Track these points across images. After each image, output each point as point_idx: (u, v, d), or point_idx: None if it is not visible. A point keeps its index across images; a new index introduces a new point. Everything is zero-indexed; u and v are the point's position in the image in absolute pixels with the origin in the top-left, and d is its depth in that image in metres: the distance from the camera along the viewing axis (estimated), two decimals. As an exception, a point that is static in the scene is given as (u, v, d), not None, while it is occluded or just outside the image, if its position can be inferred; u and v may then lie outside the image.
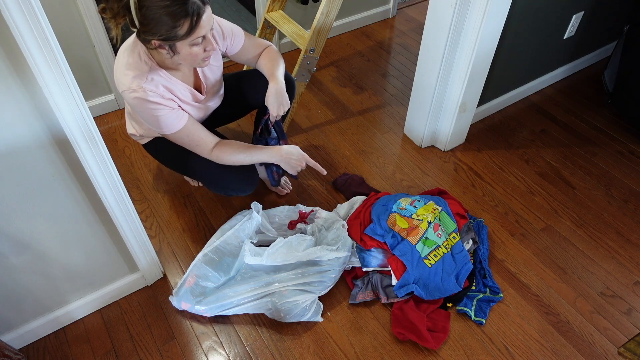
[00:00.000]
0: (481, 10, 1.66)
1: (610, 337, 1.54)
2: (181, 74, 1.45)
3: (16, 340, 1.45)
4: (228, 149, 1.51)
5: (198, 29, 1.24)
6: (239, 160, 1.52)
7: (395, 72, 2.59)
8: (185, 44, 1.26)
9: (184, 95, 1.45)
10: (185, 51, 1.28)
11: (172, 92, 1.41)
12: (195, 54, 1.30)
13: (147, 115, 1.39)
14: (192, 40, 1.26)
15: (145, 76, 1.34)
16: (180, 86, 1.43)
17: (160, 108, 1.37)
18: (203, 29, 1.25)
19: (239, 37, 1.56)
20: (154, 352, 1.49)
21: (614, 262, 1.74)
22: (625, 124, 2.29)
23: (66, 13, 1.91)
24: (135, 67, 1.33)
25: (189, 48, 1.28)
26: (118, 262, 1.52)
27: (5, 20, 0.92)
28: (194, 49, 1.28)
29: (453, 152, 2.15)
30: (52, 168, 1.19)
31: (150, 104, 1.35)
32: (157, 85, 1.36)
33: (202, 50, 1.31)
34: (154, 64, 1.36)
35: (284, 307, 1.48)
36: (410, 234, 1.60)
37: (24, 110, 1.07)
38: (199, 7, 1.21)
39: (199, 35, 1.25)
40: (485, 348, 1.50)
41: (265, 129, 1.66)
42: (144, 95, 1.33)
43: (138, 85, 1.32)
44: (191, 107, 1.50)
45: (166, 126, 1.41)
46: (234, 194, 1.64)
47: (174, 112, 1.40)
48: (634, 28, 2.09)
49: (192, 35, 1.24)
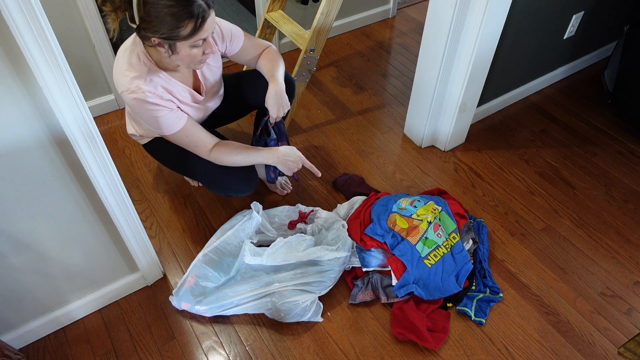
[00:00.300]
0: (481, 10, 1.66)
1: (610, 337, 1.54)
2: (180, 75, 1.45)
3: (16, 340, 1.45)
4: (226, 149, 1.51)
5: (201, 32, 1.24)
6: (236, 161, 1.52)
7: (395, 72, 2.59)
8: (185, 45, 1.26)
9: (182, 96, 1.45)
10: (184, 52, 1.28)
11: (171, 93, 1.41)
12: (194, 55, 1.30)
13: (146, 116, 1.39)
14: (193, 42, 1.26)
15: (144, 77, 1.34)
16: (179, 87, 1.43)
17: (159, 109, 1.37)
18: (205, 32, 1.25)
19: (239, 38, 1.56)
20: (154, 352, 1.49)
21: (614, 262, 1.74)
22: (625, 124, 2.29)
23: (66, 13, 1.91)
24: (134, 68, 1.33)
25: (188, 49, 1.28)
26: (118, 262, 1.52)
27: (5, 20, 0.92)
28: (193, 50, 1.28)
29: (453, 152, 2.15)
30: (52, 168, 1.19)
31: (149, 105, 1.35)
32: (155, 86, 1.36)
33: (201, 53, 1.31)
34: (152, 64, 1.36)
35: (284, 307, 1.48)
36: (410, 234, 1.60)
37: (24, 110, 1.07)
38: (204, 10, 1.21)
39: (200, 37, 1.25)
40: (485, 348, 1.50)
41: (265, 131, 1.66)
42: (142, 97, 1.33)
43: (137, 86, 1.32)
44: (190, 108, 1.50)
45: (165, 127, 1.41)
46: (234, 194, 1.64)
47: (172, 113, 1.40)
48: (634, 28, 2.09)
49: (194, 37, 1.24)
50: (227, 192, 1.62)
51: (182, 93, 1.45)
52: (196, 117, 1.55)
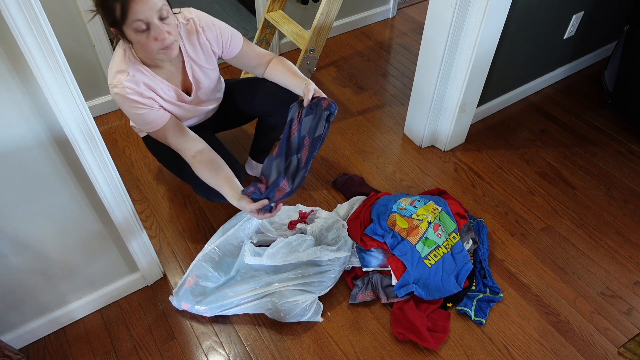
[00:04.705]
0: (481, 11, 1.66)
1: (610, 337, 1.54)
2: (166, 72, 1.44)
3: (16, 340, 1.45)
4: (206, 168, 1.44)
5: (131, 12, 1.19)
6: (211, 183, 1.45)
7: (395, 72, 2.59)
8: (129, 30, 1.23)
9: (166, 94, 1.44)
10: (133, 39, 1.26)
11: (153, 90, 1.40)
12: (144, 42, 1.25)
13: (128, 112, 1.40)
14: (133, 25, 1.21)
15: (127, 71, 1.34)
16: (163, 85, 1.43)
17: (139, 107, 1.37)
18: (138, 13, 1.19)
19: (236, 40, 1.53)
20: (154, 352, 1.49)
21: (614, 262, 1.74)
22: (625, 124, 2.29)
23: (66, 13, 1.91)
24: (119, 64, 1.35)
25: (135, 35, 1.24)
26: (118, 262, 1.52)
27: (5, 20, 0.92)
28: (139, 36, 1.24)
29: (453, 152, 2.15)
30: (52, 168, 1.19)
31: (129, 101, 1.36)
32: (137, 82, 1.36)
33: (153, 40, 1.25)
34: (136, 59, 1.36)
35: (284, 307, 1.48)
36: (410, 234, 1.60)
37: (24, 110, 1.07)
38: None
39: (134, 18, 1.20)
40: (485, 348, 1.50)
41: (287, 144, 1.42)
42: (122, 92, 1.34)
43: (118, 81, 1.33)
44: (175, 107, 1.49)
45: (145, 124, 1.41)
46: (217, 200, 1.57)
47: (153, 111, 1.40)
48: (634, 28, 2.09)
49: (127, 18, 1.20)
50: (210, 197, 1.58)
51: (166, 91, 1.44)
52: (185, 117, 1.54)
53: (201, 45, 1.46)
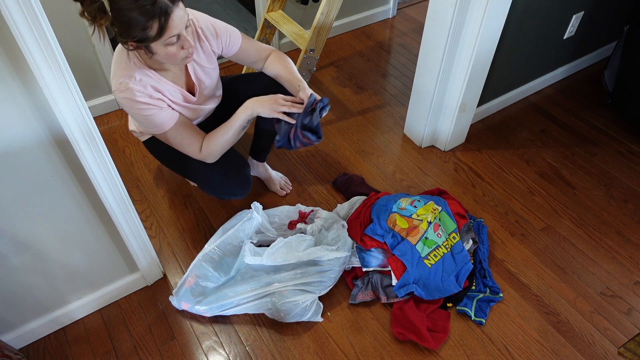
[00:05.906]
0: (481, 10, 1.66)
1: (610, 337, 1.54)
2: (171, 75, 1.44)
3: (16, 340, 1.45)
4: (211, 137, 1.49)
5: (168, 29, 1.20)
6: (224, 141, 1.49)
7: (395, 72, 2.59)
8: (159, 45, 1.24)
9: (173, 96, 1.45)
10: (161, 51, 1.26)
11: (161, 92, 1.40)
12: (173, 53, 1.27)
13: (137, 115, 1.39)
14: (166, 41, 1.23)
15: (134, 76, 1.34)
16: (170, 87, 1.43)
17: (148, 108, 1.36)
18: (175, 29, 1.22)
19: (235, 37, 1.54)
20: (154, 352, 1.49)
21: (614, 262, 1.74)
22: (625, 124, 2.29)
23: (66, 13, 1.91)
24: (124, 68, 1.34)
25: (164, 48, 1.25)
26: (118, 262, 1.52)
27: (5, 20, 0.92)
28: (169, 48, 1.25)
29: (453, 152, 2.15)
30: (52, 168, 1.19)
31: (138, 104, 1.35)
32: (145, 85, 1.36)
33: (180, 49, 1.28)
34: (142, 64, 1.36)
35: (284, 307, 1.48)
36: (410, 234, 1.60)
37: (24, 110, 1.07)
38: (167, 5, 1.18)
39: (170, 35, 1.22)
40: (485, 348, 1.50)
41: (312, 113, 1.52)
42: (131, 96, 1.33)
43: (125, 85, 1.33)
44: (182, 108, 1.49)
45: (155, 126, 1.41)
46: (227, 197, 1.63)
47: (163, 111, 1.40)
48: (634, 28, 2.09)
49: (163, 35, 1.21)
50: (220, 195, 1.61)
51: (173, 93, 1.44)
52: (190, 117, 1.55)
53: (201, 46, 1.46)
